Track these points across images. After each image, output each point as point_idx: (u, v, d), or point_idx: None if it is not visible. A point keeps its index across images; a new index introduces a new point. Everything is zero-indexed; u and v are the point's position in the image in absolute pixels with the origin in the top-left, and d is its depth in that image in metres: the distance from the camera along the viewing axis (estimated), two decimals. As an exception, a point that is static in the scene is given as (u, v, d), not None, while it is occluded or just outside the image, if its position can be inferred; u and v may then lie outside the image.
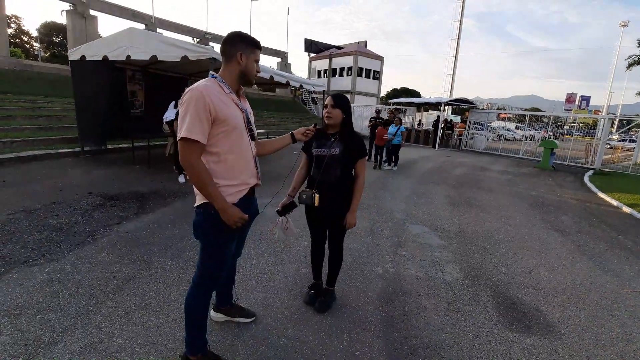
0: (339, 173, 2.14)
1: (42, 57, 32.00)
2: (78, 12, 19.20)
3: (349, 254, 3.23)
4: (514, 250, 3.78)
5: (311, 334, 2.11)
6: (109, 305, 2.25)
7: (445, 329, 2.25)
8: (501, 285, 2.94)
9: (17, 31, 36.22)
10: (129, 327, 2.05)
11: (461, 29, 26.46)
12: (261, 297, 2.48)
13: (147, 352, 1.86)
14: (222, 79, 1.59)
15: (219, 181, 1.55)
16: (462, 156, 13.58)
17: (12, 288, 2.37)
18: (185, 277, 2.66)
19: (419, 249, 3.59)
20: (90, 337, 1.94)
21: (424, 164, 10.61)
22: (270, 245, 3.39)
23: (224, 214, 1.52)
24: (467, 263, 3.33)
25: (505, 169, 10.70)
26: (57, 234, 3.33)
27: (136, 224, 3.73)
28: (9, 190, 4.59)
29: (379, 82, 32.29)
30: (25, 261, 2.76)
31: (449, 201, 5.82)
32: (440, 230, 4.26)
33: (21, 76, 13.18)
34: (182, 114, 1.45)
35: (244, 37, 1.61)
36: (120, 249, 3.09)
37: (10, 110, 9.51)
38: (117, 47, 6.12)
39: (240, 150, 1.62)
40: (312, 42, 33.18)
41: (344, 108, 2.13)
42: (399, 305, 2.51)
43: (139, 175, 6.02)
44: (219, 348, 1.92)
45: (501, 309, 2.57)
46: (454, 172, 9.19)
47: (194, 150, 1.46)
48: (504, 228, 4.53)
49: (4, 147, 7.06)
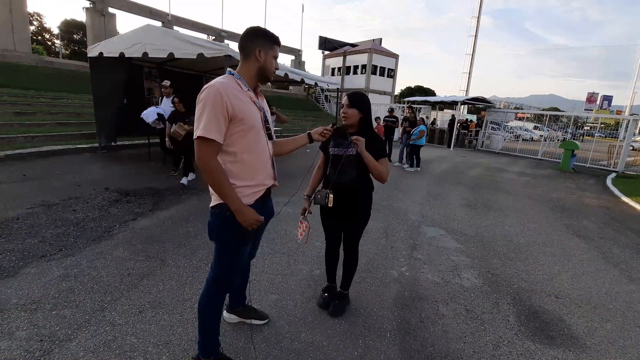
0: (356, 174, 2.07)
1: (63, 54, 32.87)
2: (97, 9, 19.59)
3: (362, 256, 3.15)
4: (534, 255, 3.64)
5: (325, 338, 2.06)
6: (123, 303, 2.25)
7: (464, 338, 2.17)
8: (522, 292, 2.83)
9: (39, 28, 37.24)
10: (142, 325, 2.05)
11: (478, 26, 25.87)
12: (274, 298, 2.45)
13: (160, 352, 1.85)
14: (239, 76, 1.54)
15: (235, 182, 1.50)
16: (479, 156, 13.28)
17: (29, 282, 2.41)
18: (199, 276, 2.65)
19: (435, 253, 3.49)
20: (104, 335, 1.94)
21: (439, 164, 10.42)
22: (284, 245, 3.35)
23: (240, 216, 1.47)
24: (485, 268, 3.22)
25: (524, 170, 10.40)
26: (74, 229, 3.38)
27: (151, 221, 3.75)
28: (29, 184, 4.70)
29: (394, 80, 31.92)
30: (43, 255, 2.80)
31: (466, 203, 5.67)
32: (457, 233, 4.14)
33: (42, 72, 13.55)
34: (199, 112, 1.41)
35: (263, 32, 1.56)
36: (135, 246, 3.10)
37: (32, 105, 9.77)
38: (134, 44, 6.18)
39: (258, 150, 1.58)
40: (326, 40, 33.03)
41: (361, 107, 2.06)
42: (415, 311, 2.43)
43: (154, 172, 6.08)
44: (232, 350, 1.89)
45: (522, 318, 2.47)
46: (470, 173, 8.98)
47: (211, 150, 1.42)
48: (524, 232, 4.38)
49: (25, 142, 7.25)
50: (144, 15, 22.31)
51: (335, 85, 10.34)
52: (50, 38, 38.74)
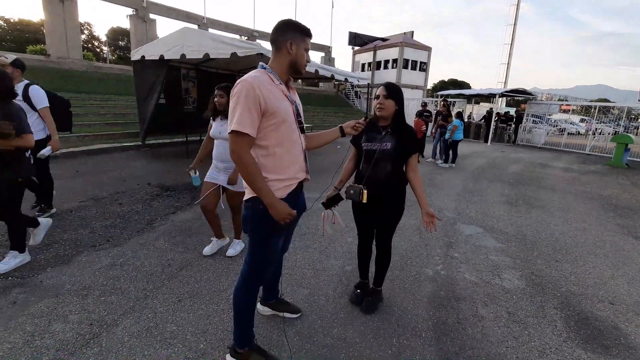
0: (390, 168, 2.02)
1: (110, 59, 35.18)
2: (139, 16, 20.77)
3: (395, 253, 3.09)
4: (584, 257, 3.36)
5: (358, 335, 2.04)
6: (164, 292, 2.37)
7: (506, 342, 2.05)
8: (570, 296, 2.63)
9: (89, 37, 40.16)
10: (181, 314, 2.14)
11: (518, 14, 24.32)
12: (306, 293, 2.45)
13: (198, 340, 1.92)
14: (271, 70, 1.55)
15: (268, 175, 1.51)
16: (518, 151, 12.53)
17: (81, 270, 2.60)
18: (234, 268, 2.72)
19: (472, 251, 3.33)
20: (147, 322, 2.05)
21: (475, 159, 9.95)
22: (315, 240, 3.36)
23: (272, 210, 1.48)
24: (529, 269, 3.02)
25: (569, 165, 9.66)
26: (121, 221, 3.60)
27: (189, 214, 3.92)
28: (81, 180, 5.09)
29: (426, 73, 30.89)
30: (93, 245, 3.02)
31: (505, 200, 5.37)
32: (497, 231, 3.93)
33: (92, 77, 14.59)
34: (232, 106, 1.43)
35: (294, 24, 1.56)
36: (175, 238, 3.25)
37: (83, 107, 10.56)
38: (173, 47, 6.48)
39: (290, 144, 1.57)
40: (356, 35, 32.62)
41: (398, 99, 2.00)
42: (452, 311, 2.33)
43: (191, 168, 6.33)
44: (265, 342, 1.92)
45: (571, 323, 2.29)
46: (509, 169, 8.49)
47: (244, 144, 1.43)
48: (571, 232, 4.06)
49: (77, 141, 7.86)
50: (181, 19, 23.30)
51: (366, 81, 10.19)
52: (99, 45, 41.67)
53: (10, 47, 28.69)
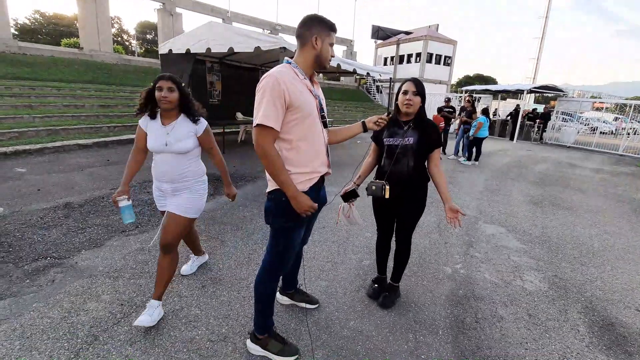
0: (412, 164, 2.02)
1: (138, 52, 36.29)
2: (166, 10, 21.27)
3: (414, 250, 3.08)
4: (612, 262, 3.23)
5: (374, 328, 2.07)
6: (189, 277, 2.48)
7: (525, 344, 2.02)
8: (595, 301, 2.54)
9: (119, 30, 41.51)
10: (204, 299, 2.24)
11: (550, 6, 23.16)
12: (324, 285, 2.50)
13: (220, 324, 2.01)
14: (296, 65, 1.58)
15: (291, 168, 1.55)
16: (546, 150, 12.04)
17: (112, 253, 2.76)
18: (254, 258, 2.80)
19: (493, 251, 3.28)
20: (172, 305, 2.16)
21: (500, 157, 9.66)
22: (334, 233, 3.40)
23: (294, 202, 1.52)
24: (552, 272, 2.94)
25: (601, 166, 9.21)
26: (148, 208, 3.77)
27: (212, 204, 4.04)
28: (112, 168, 5.34)
29: (451, 68, 30.04)
30: (123, 231, 3.18)
31: (530, 200, 5.21)
32: (520, 232, 3.83)
33: (122, 69, 15.13)
34: (258, 100, 1.47)
35: (319, 19, 1.58)
36: (199, 226, 3.37)
37: (114, 99, 11.00)
38: (199, 40, 6.62)
39: (313, 138, 1.60)
40: (379, 29, 32.10)
41: (424, 95, 2.00)
42: (470, 310, 2.32)
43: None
44: (284, 330, 1.98)
45: (595, 329, 2.22)
46: (535, 168, 8.19)
47: (269, 137, 1.47)
48: (600, 235, 3.90)
49: (108, 131, 8.22)
50: (206, 13, 23.68)
51: (388, 75, 10.04)
52: (128, 38, 42.98)
53: (46, 40, 30.10)
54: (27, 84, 10.36)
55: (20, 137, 6.78)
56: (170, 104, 1.90)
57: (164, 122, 1.97)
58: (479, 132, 7.95)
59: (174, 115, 1.98)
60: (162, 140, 1.93)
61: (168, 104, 1.90)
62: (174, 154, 1.95)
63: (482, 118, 7.95)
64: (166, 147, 1.92)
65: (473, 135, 7.96)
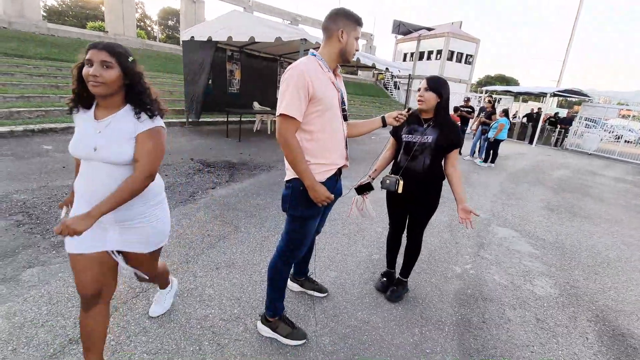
0: (428, 162, 2.03)
1: (160, 38, 36.76)
2: (189, -4, 21.41)
3: (424, 248, 3.09)
4: (627, 272, 3.17)
5: (381, 320, 2.11)
6: (204, 259, 2.57)
7: (531, 347, 2.03)
8: (607, 311, 2.52)
9: (142, 15, 42.08)
10: (218, 280, 2.32)
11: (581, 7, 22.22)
12: (334, 275, 2.55)
13: (232, 305, 2.08)
14: (321, 57, 1.60)
15: (310, 159, 1.59)
16: (566, 156, 11.72)
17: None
18: (266, 245, 2.87)
19: (505, 254, 3.26)
20: (188, 284, 2.25)
21: (517, 161, 9.47)
22: (345, 226, 3.44)
23: (312, 192, 1.56)
24: (564, 279, 2.92)
25: (623, 176, 8.92)
26: (166, 191, 3.87)
27: (227, 190, 4.14)
28: (131, 151, 5.50)
29: (472, 67, 29.34)
30: (142, 211, 3.29)
31: (546, 206, 5.12)
32: (533, 237, 3.79)
33: (144, 54, 15.38)
34: (283, 90, 1.50)
35: (346, 13, 1.60)
36: (214, 211, 3.47)
37: (134, 83, 11.22)
38: (221, 29, 6.68)
39: (333, 131, 1.64)
40: (400, 24, 31.55)
41: (439, 92, 1.98)
42: (477, 310, 2.33)
43: (230, 147, 6.63)
44: (293, 315, 2.04)
45: (604, 338, 2.21)
46: (554, 174, 8.01)
47: (291, 127, 1.51)
48: (616, 245, 3.82)
49: (128, 115, 8.43)
50: (228, 1, 23.72)
51: (407, 71, 9.92)
52: (150, 24, 43.57)
53: (73, 23, 30.81)
54: (54, 64, 10.67)
55: (47, 115, 7.02)
56: (103, 87, 1.22)
57: (98, 115, 1.31)
58: (499, 134, 7.79)
59: (113, 106, 1.31)
60: (90, 141, 1.26)
61: (100, 87, 1.22)
62: (108, 165, 1.28)
63: (504, 119, 7.77)
64: (95, 152, 1.25)
65: (494, 137, 7.81)
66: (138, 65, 1.35)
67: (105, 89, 1.23)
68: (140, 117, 1.32)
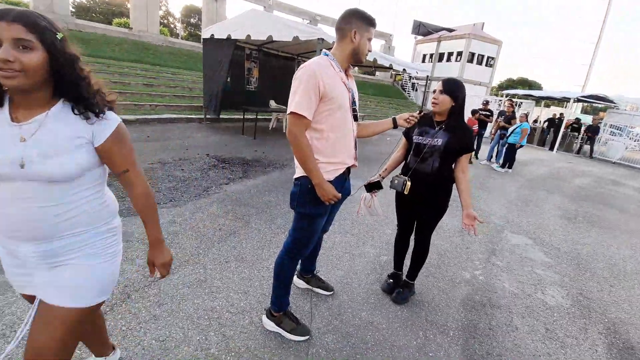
0: (437, 165, 2.02)
1: (182, 36, 37.57)
2: (211, -5, 21.75)
3: (433, 251, 3.08)
4: (646, 287, 3.06)
5: (385, 321, 2.12)
6: (214, 252, 2.64)
7: (538, 357, 2.00)
8: (619, 324, 2.44)
9: (165, 13, 43.06)
10: (227, 274, 2.38)
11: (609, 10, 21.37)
12: (340, 274, 2.58)
13: (240, 299, 2.14)
14: (333, 57, 1.63)
15: (319, 157, 1.62)
16: (589, 164, 11.32)
17: (148, 223, 2.97)
18: (276, 241, 2.92)
19: (517, 262, 3.20)
20: (198, 275, 2.32)
21: (536, 167, 9.22)
22: (355, 226, 3.45)
23: (320, 190, 1.59)
24: (577, 289, 2.84)
25: (651, 187, 8.55)
26: (182, 184, 4.00)
27: (240, 186, 4.22)
28: (151, 145, 5.67)
29: (493, 69, 28.65)
30: (157, 203, 3.37)
31: (563, 214, 4.98)
32: (547, 245, 3.70)
33: (166, 51, 15.76)
34: (294, 89, 1.53)
35: (359, 14, 1.61)
36: (226, 206, 3.55)
37: (157, 79, 11.53)
38: (240, 27, 6.79)
39: (342, 130, 1.66)
40: (420, 24, 31.11)
41: (454, 95, 1.96)
42: (484, 317, 2.31)
43: (245, 144, 6.74)
44: (298, 311, 2.08)
45: (614, 351, 2.15)
46: (574, 182, 7.76)
47: (301, 126, 1.54)
48: (635, 258, 3.69)
49: (150, 109, 8.67)
50: (249, 0, 24.00)
51: (425, 73, 9.79)
52: (173, 21, 44.53)
53: (99, 19, 31.84)
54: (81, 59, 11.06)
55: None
56: (21, 78, 0.85)
57: (18, 117, 0.93)
58: (518, 139, 7.59)
59: (39, 103, 0.94)
60: (11, 154, 0.90)
61: (17, 79, 0.85)
62: (41, 183, 0.93)
63: (526, 124, 7.55)
64: (21, 169, 0.90)
65: (519, 143, 7.59)
66: (71, 45, 0.94)
67: (23, 81, 0.85)
68: (90, 119, 0.98)
